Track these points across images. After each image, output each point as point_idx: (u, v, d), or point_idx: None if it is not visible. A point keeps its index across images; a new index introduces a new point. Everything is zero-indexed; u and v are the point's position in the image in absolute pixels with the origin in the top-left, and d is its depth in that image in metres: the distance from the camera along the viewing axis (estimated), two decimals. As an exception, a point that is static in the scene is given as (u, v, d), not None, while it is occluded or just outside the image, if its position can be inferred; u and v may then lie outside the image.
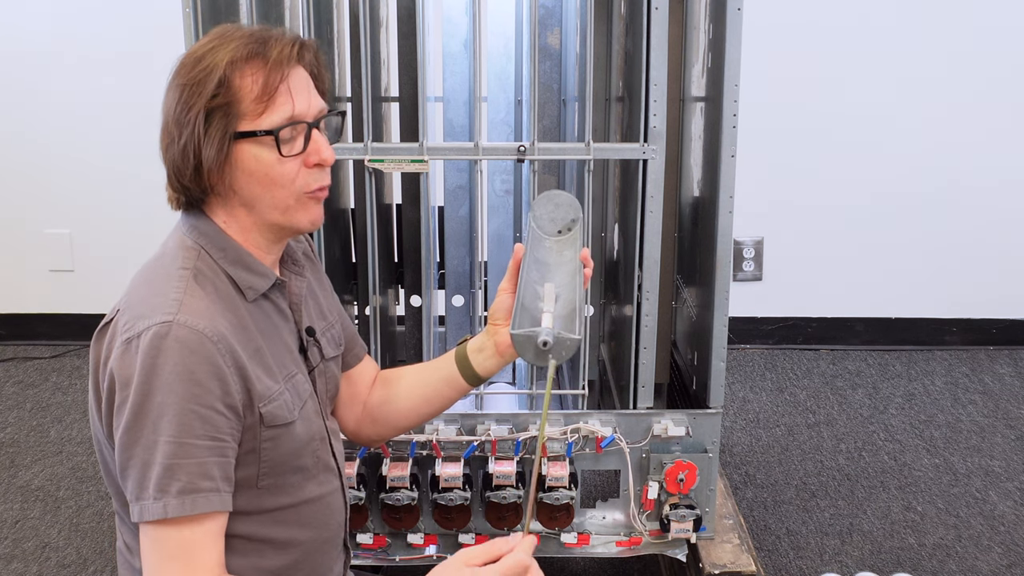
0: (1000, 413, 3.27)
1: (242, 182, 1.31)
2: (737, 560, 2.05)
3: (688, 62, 2.24)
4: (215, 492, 1.23)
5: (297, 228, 1.36)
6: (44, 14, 3.54)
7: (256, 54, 1.28)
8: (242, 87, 1.28)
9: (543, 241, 1.56)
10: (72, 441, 3.10)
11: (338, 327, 1.57)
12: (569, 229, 1.56)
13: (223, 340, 1.25)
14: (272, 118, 1.29)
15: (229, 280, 1.34)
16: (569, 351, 1.32)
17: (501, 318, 1.52)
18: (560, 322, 1.36)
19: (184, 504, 1.21)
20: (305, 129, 1.31)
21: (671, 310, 2.36)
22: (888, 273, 3.74)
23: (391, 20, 2.40)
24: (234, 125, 1.28)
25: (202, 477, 1.22)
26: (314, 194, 1.34)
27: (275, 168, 1.30)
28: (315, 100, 1.34)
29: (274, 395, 1.33)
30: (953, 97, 3.58)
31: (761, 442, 3.09)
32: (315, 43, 1.38)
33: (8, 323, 3.83)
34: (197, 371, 1.22)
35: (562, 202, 1.56)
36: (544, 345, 1.31)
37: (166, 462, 1.21)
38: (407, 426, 1.65)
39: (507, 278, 1.52)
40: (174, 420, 1.21)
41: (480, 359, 1.55)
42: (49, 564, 2.49)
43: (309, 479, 1.42)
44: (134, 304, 1.28)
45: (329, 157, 1.33)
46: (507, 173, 2.55)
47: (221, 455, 1.25)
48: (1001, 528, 2.64)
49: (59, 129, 3.64)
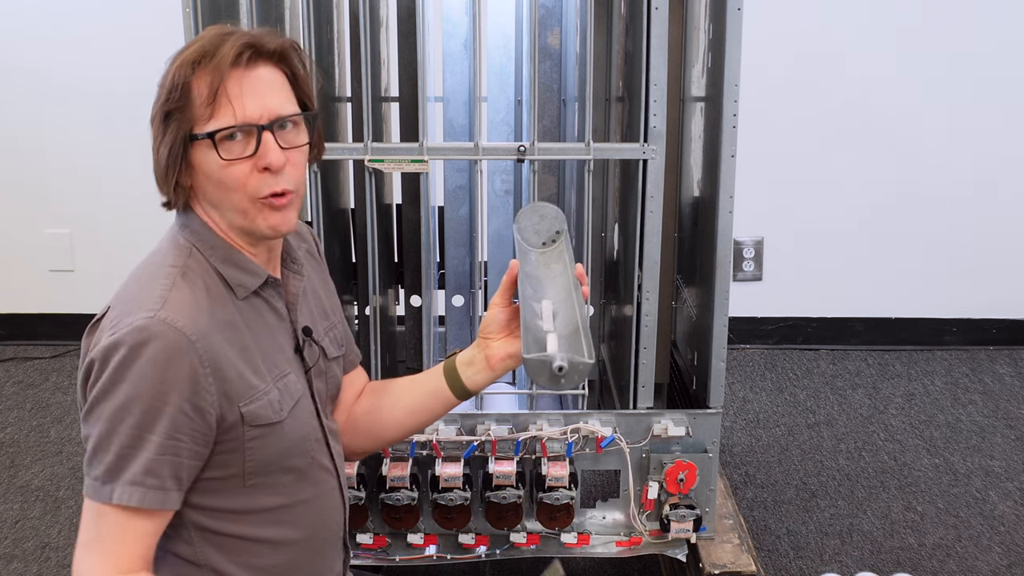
0: (1000, 413, 3.27)
1: (202, 184, 1.32)
2: (737, 560, 2.05)
3: (688, 62, 2.24)
4: (159, 490, 1.25)
5: (260, 234, 1.34)
6: (44, 14, 3.54)
7: (205, 56, 1.28)
8: (193, 89, 1.28)
9: (529, 254, 1.54)
10: (72, 441, 3.10)
11: (341, 327, 1.57)
12: (553, 241, 1.55)
13: (202, 339, 1.26)
14: (217, 122, 1.28)
15: (220, 278, 1.34)
16: (582, 375, 1.32)
17: (492, 332, 1.51)
18: (565, 343, 1.35)
19: (124, 494, 1.23)
20: (255, 132, 1.29)
21: (671, 310, 2.36)
22: (888, 273, 3.74)
23: (391, 20, 2.39)
24: (186, 128, 1.28)
25: (149, 474, 1.24)
26: (267, 200, 1.31)
27: (223, 172, 1.29)
28: (270, 103, 1.30)
29: (257, 394, 1.33)
30: (953, 98, 3.58)
31: (761, 442, 3.09)
32: (290, 44, 1.34)
33: (8, 323, 3.83)
34: (168, 369, 1.23)
35: (547, 214, 1.55)
36: (560, 371, 1.30)
37: (120, 451, 1.24)
38: (391, 439, 1.64)
39: (498, 293, 1.51)
40: (135, 412, 1.23)
41: (470, 373, 1.53)
42: (49, 564, 2.48)
43: (302, 479, 1.41)
44: (123, 300, 1.30)
45: (275, 161, 1.29)
46: (507, 173, 2.55)
47: (174, 454, 1.26)
48: (1001, 528, 2.64)
49: (59, 129, 3.64)
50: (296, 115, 1.34)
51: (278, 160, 1.30)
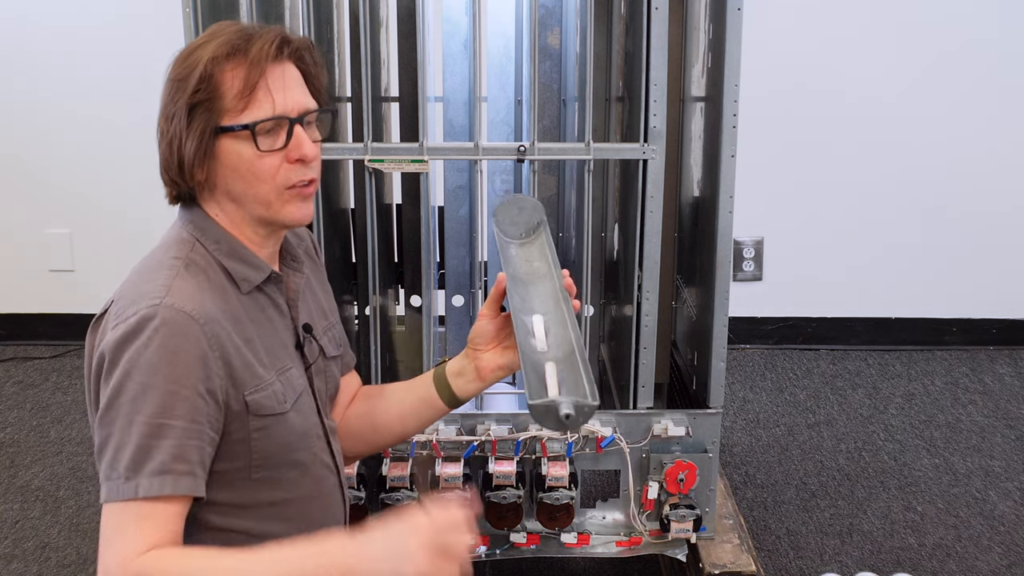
0: (1000, 413, 3.27)
1: (225, 177, 1.33)
2: (737, 560, 2.05)
3: (688, 62, 2.24)
4: (189, 475, 1.23)
5: (283, 223, 1.37)
6: (44, 14, 3.54)
7: (238, 51, 1.30)
8: (223, 83, 1.29)
9: (508, 248, 1.51)
10: (72, 441, 3.10)
11: (338, 328, 1.57)
12: (533, 231, 1.53)
13: (210, 322, 1.26)
14: (252, 114, 1.30)
15: (223, 271, 1.35)
16: (587, 418, 1.29)
17: (481, 343, 1.52)
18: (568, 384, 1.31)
19: (154, 485, 1.20)
20: (287, 125, 1.32)
21: (671, 310, 2.36)
22: (888, 273, 3.74)
23: (391, 20, 2.40)
24: (215, 120, 1.30)
25: (177, 459, 1.22)
26: (297, 189, 1.35)
27: (255, 163, 1.31)
28: (300, 98, 1.34)
29: (262, 384, 1.33)
30: (953, 97, 3.58)
31: (761, 442, 3.09)
32: (308, 42, 1.38)
33: (8, 323, 3.82)
34: (180, 352, 1.23)
35: (525, 206, 1.52)
36: (567, 418, 1.27)
37: (141, 442, 1.21)
38: (383, 443, 1.64)
39: (487, 304, 1.51)
40: (153, 400, 1.22)
41: (460, 383, 1.53)
42: (49, 564, 2.48)
43: (306, 475, 1.42)
44: (126, 293, 1.30)
45: (310, 152, 1.34)
46: (507, 173, 2.55)
47: (198, 438, 1.24)
48: (1001, 528, 2.64)
49: (59, 129, 3.64)
50: (326, 110, 1.39)
51: (312, 151, 1.34)
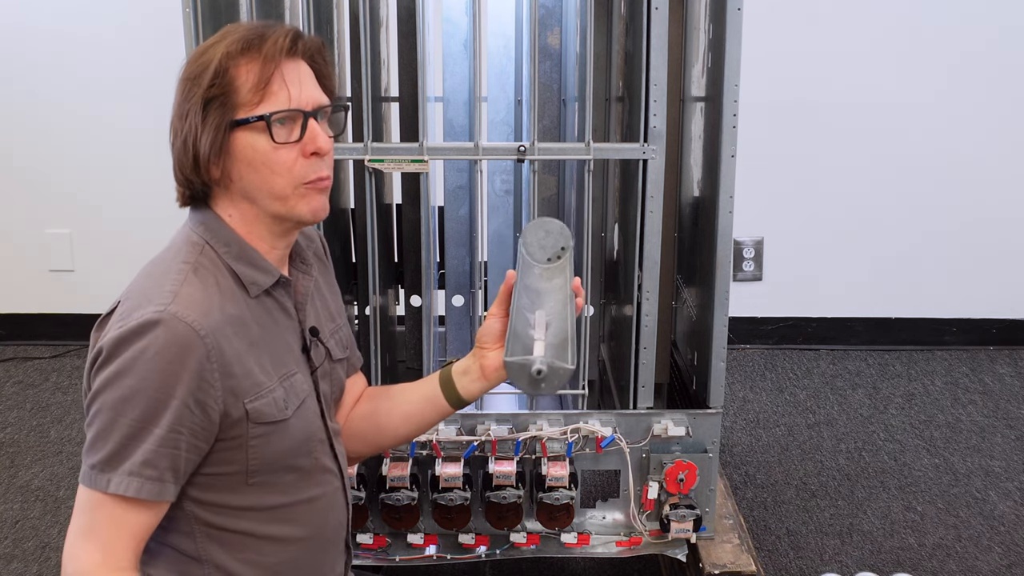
0: (1000, 413, 3.27)
1: (241, 172, 1.33)
2: (737, 560, 2.05)
3: (688, 62, 2.24)
4: (156, 482, 1.26)
5: (299, 219, 1.37)
6: (45, 14, 3.54)
7: (252, 46, 1.31)
8: (238, 77, 1.30)
9: (532, 268, 1.55)
10: (72, 441, 3.10)
11: (345, 330, 1.57)
12: (559, 257, 1.56)
13: (211, 335, 1.27)
14: (267, 106, 1.31)
15: (232, 275, 1.35)
16: (562, 380, 1.37)
17: (489, 342, 1.52)
18: (552, 350, 1.39)
19: (123, 484, 1.24)
20: (301, 118, 1.33)
21: (671, 310, 2.36)
22: (888, 273, 3.74)
23: (391, 20, 2.40)
24: (230, 115, 1.30)
25: (147, 465, 1.25)
26: (313, 184, 1.35)
27: (270, 156, 1.31)
28: (314, 92, 1.35)
29: (263, 392, 1.33)
30: (953, 97, 3.58)
31: (761, 442, 3.09)
32: (320, 42, 1.39)
33: (8, 323, 3.83)
34: (175, 362, 1.24)
35: (552, 229, 1.56)
36: (538, 374, 1.36)
37: (121, 441, 1.24)
38: (387, 444, 1.65)
39: (496, 303, 1.52)
40: (139, 406, 1.24)
41: (465, 382, 1.54)
42: (49, 564, 2.48)
43: (306, 479, 1.42)
44: (133, 295, 1.30)
45: (325, 145, 1.34)
46: (507, 173, 2.55)
47: (174, 447, 1.26)
48: (1001, 528, 2.64)
49: (59, 129, 3.64)
50: (339, 105, 1.41)
51: (326, 144, 1.35)
